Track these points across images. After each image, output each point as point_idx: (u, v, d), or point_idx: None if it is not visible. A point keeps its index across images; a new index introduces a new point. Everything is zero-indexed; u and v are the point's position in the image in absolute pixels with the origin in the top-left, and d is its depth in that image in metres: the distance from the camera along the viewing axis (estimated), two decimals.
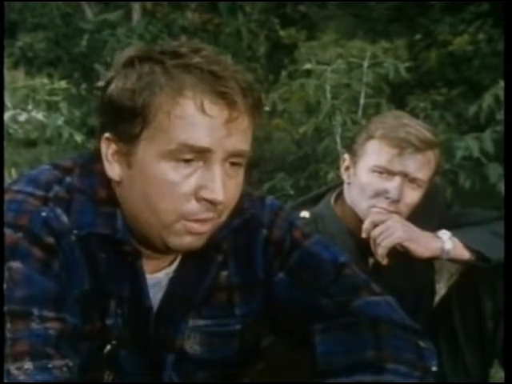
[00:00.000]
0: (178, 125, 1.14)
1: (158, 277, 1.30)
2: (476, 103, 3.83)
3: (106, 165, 1.21)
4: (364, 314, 1.30)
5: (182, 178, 1.16)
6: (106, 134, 1.20)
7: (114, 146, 1.20)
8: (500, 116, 3.68)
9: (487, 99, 3.73)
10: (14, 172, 3.98)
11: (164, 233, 1.20)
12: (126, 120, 1.17)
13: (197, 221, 1.19)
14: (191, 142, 1.14)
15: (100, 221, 1.22)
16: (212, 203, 1.17)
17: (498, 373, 2.28)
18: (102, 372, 1.28)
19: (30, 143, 5.76)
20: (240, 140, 1.18)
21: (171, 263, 1.31)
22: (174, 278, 1.31)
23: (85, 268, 1.21)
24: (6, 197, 1.20)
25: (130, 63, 1.18)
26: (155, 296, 1.29)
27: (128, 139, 1.18)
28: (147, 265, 1.27)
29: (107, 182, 1.23)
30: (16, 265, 1.13)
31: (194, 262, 1.30)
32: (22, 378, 1.06)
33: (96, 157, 1.25)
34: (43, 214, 1.18)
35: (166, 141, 1.15)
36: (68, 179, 1.24)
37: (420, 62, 6.75)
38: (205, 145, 1.15)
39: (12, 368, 1.06)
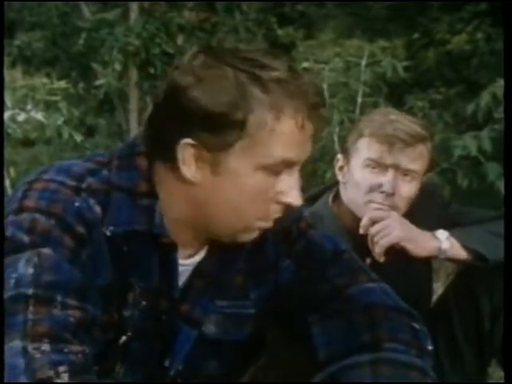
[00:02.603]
0: (278, 141, 1.18)
1: (187, 263, 1.32)
2: (474, 102, 3.83)
3: (184, 168, 1.21)
4: (359, 301, 1.33)
5: (269, 186, 1.22)
6: (188, 140, 1.19)
7: (194, 152, 1.20)
8: (498, 114, 3.69)
9: (485, 98, 3.74)
10: (12, 171, 3.99)
11: (239, 232, 1.26)
12: (218, 129, 1.17)
13: (270, 220, 1.27)
14: (288, 158, 1.20)
15: (137, 217, 1.24)
16: (288, 207, 1.25)
17: (496, 372, 2.28)
18: (114, 363, 1.29)
19: (29, 143, 5.76)
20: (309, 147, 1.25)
21: (200, 249, 1.33)
22: (203, 261, 1.32)
23: (110, 260, 1.23)
24: (37, 185, 1.21)
25: (212, 67, 1.18)
26: (182, 279, 1.31)
27: (217, 148, 1.18)
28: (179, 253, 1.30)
29: (148, 175, 1.25)
30: (46, 251, 1.15)
31: (224, 246, 1.32)
32: (37, 356, 1.07)
33: (136, 151, 1.26)
34: (76, 203, 1.19)
35: (263, 155, 1.18)
36: (105, 172, 1.25)
37: (418, 61, 6.77)
38: (297, 159, 1.22)
39: (30, 347, 1.07)
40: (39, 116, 4.32)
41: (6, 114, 4.21)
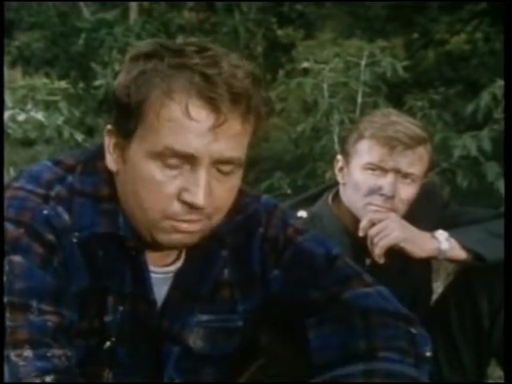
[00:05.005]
0: (165, 127, 1.14)
1: (163, 271, 1.31)
2: (473, 102, 3.83)
3: (107, 155, 1.23)
4: (354, 306, 1.31)
5: (167, 179, 1.16)
6: (108, 126, 1.22)
7: (113, 139, 1.22)
8: (497, 114, 3.68)
9: (484, 98, 3.73)
10: (12, 171, 3.99)
11: (152, 230, 1.21)
12: (123, 116, 1.18)
13: (183, 221, 1.19)
14: (177, 147, 1.14)
15: (101, 220, 1.23)
16: (192, 207, 1.17)
17: (495, 372, 2.28)
18: (102, 368, 1.28)
19: (28, 142, 5.76)
20: (228, 146, 1.16)
21: (177, 258, 1.32)
22: (180, 272, 1.31)
23: (84, 266, 1.22)
24: (7, 193, 1.21)
25: (136, 58, 1.19)
26: (160, 291, 1.30)
27: (124, 134, 1.19)
28: (152, 260, 1.28)
29: (110, 179, 1.25)
30: (17, 259, 1.14)
31: (200, 256, 1.31)
32: (21, 363, 1.07)
33: (101, 153, 1.26)
34: (45, 211, 1.19)
35: (154, 142, 1.15)
36: (69, 178, 1.25)
37: (417, 60, 6.76)
38: (189, 151, 1.14)
39: (12, 355, 1.08)
40: (39, 116, 4.32)
41: (6, 114, 4.21)
